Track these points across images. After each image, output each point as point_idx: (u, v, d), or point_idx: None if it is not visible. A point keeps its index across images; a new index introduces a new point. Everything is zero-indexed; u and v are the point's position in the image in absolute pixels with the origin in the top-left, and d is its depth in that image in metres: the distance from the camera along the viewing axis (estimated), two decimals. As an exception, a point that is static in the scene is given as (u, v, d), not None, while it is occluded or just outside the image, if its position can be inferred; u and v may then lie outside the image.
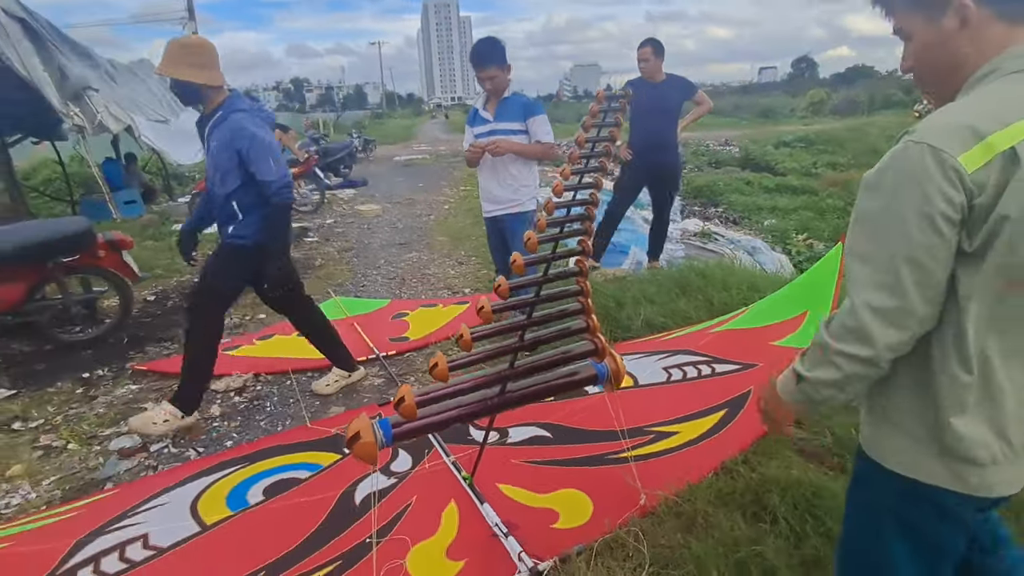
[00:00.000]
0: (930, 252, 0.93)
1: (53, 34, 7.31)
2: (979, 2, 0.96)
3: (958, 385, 0.99)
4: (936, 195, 0.90)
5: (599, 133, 1.65)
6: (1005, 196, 0.89)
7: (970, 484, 1.03)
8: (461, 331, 1.56)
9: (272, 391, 3.37)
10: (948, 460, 1.03)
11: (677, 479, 2.25)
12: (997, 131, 0.89)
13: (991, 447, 1.00)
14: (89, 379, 3.54)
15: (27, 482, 2.58)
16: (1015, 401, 1.00)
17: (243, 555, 2.03)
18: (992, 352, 0.98)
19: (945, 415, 1.00)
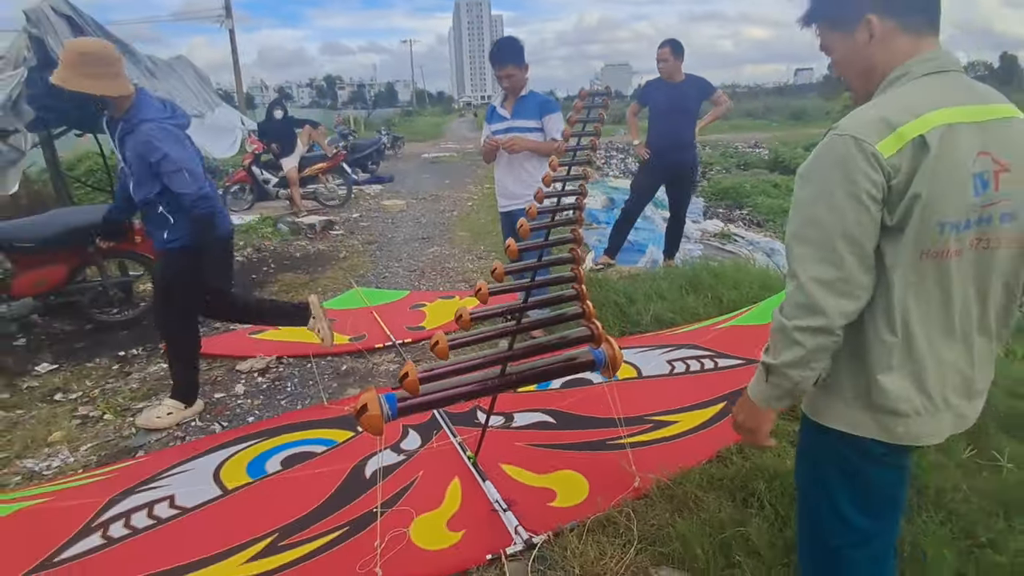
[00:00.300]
0: (861, 227, 1.05)
1: (98, 31, 7.61)
2: (884, 18, 1.12)
3: (884, 346, 1.12)
4: (861, 177, 1.04)
5: (584, 128, 1.76)
6: (916, 177, 1.03)
7: (896, 434, 1.16)
8: (460, 312, 1.69)
9: (293, 373, 3.54)
10: (876, 414, 1.16)
11: (672, 465, 2.34)
12: (908, 122, 1.04)
13: (913, 401, 1.13)
14: (124, 357, 3.76)
15: (66, 447, 2.79)
16: (933, 359, 1.13)
17: (260, 517, 2.19)
18: (912, 316, 1.11)
19: (873, 373, 1.14)
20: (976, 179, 1.05)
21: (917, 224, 1.05)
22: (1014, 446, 2.46)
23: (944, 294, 1.11)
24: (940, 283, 1.10)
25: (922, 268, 1.09)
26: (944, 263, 1.08)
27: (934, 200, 1.04)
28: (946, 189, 1.04)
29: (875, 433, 1.17)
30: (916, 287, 1.10)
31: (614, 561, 1.95)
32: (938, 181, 1.03)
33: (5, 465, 2.65)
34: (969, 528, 2.01)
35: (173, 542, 2.07)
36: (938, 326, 1.13)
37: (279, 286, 5.28)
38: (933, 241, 1.06)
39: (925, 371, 1.12)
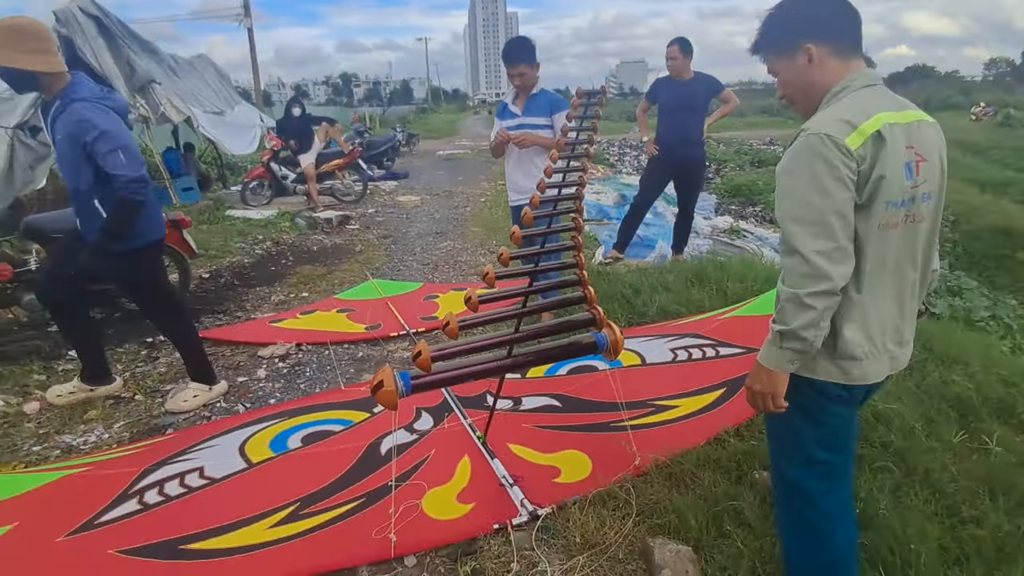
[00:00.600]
0: (846, 204, 1.28)
1: (123, 31, 7.86)
2: (819, 45, 1.39)
3: (851, 303, 1.36)
4: (839, 163, 1.27)
5: (581, 123, 1.88)
6: (879, 163, 1.28)
7: (852, 376, 1.41)
8: (468, 294, 1.82)
9: (312, 359, 3.69)
10: (839, 360, 1.40)
11: (672, 446, 2.46)
12: (865, 122, 1.29)
13: (864, 346, 1.39)
14: (152, 343, 3.94)
15: (101, 425, 2.96)
16: (876, 314, 1.39)
17: (282, 488, 2.34)
18: (867, 276, 1.35)
19: (840, 325, 1.37)
20: (906, 167, 1.32)
21: (881, 200, 1.30)
22: (1004, 431, 2.55)
23: (889, 260, 1.37)
24: (888, 251, 1.36)
25: (883, 237, 1.34)
26: (889, 234, 1.34)
27: (890, 182, 1.29)
28: (894, 173, 1.30)
29: (837, 377, 1.41)
30: (871, 254, 1.34)
31: (613, 531, 2.07)
32: (889, 167, 1.28)
33: (46, 440, 2.83)
34: (954, 507, 2.11)
35: (203, 508, 2.23)
36: (881, 286, 1.38)
37: (297, 278, 5.45)
38: (886, 216, 1.32)
39: (871, 323, 1.39)
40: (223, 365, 3.62)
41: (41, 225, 3.85)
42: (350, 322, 4.21)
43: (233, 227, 7.39)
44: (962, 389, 2.79)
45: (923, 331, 3.47)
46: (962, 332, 3.79)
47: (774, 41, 1.48)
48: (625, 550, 2.01)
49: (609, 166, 15.06)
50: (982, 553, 1.86)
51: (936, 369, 3.00)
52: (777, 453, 1.62)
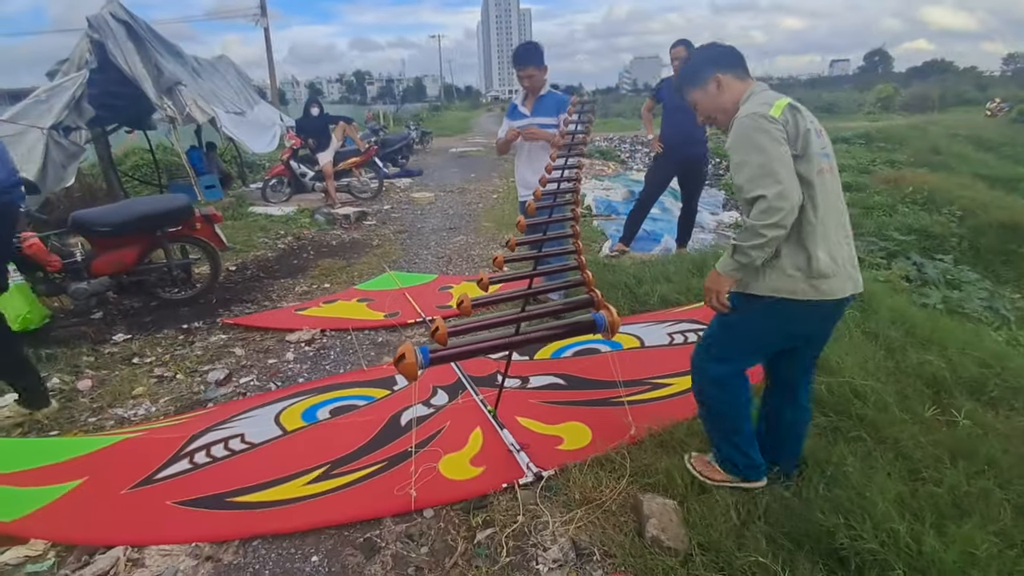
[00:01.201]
0: (785, 155, 1.74)
1: (150, 35, 8.20)
2: (724, 74, 1.94)
3: (814, 229, 1.82)
4: (771, 127, 1.76)
5: (576, 127, 2.13)
6: (800, 123, 1.79)
7: (822, 291, 1.84)
8: (481, 276, 2.08)
9: (335, 343, 3.98)
10: (811, 279, 1.83)
11: (665, 419, 2.71)
12: (776, 101, 1.83)
13: (832, 265, 1.83)
14: (188, 329, 4.25)
15: (147, 400, 3.27)
16: (835, 239, 1.86)
17: (314, 453, 2.62)
18: (820, 211, 1.82)
19: (813, 250, 1.82)
20: (813, 131, 1.81)
21: (812, 150, 1.79)
22: (974, 406, 2.77)
23: (830, 197, 1.85)
24: (826, 190, 1.83)
25: (818, 180, 1.81)
26: (823, 177, 1.83)
27: (812, 137, 1.78)
28: (811, 132, 1.79)
29: (810, 295, 1.84)
30: (819, 192, 1.81)
31: (608, 489, 2.33)
32: (807, 126, 1.79)
33: (100, 412, 3.14)
34: (917, 469, 2.34)
35: (246, 468, 2.52)
36: (831, 215, 1.85)
37: (319, 270, 5.75)
38: (818, 163, 1.80)
39: (832, 247, 1.84)
40: (254, 349, 3.92)
41: (87, 220, 4.17)
42: (370, 310, 4.50)
43: (256, 223, 7.72)
44: (937, 369, 3.00)
45: (908, 317, 3.68)
46: (947, 320, 3.99)
47: (692, 78, 2.01)
48: (618, 504, 2.27)
49: (620, 163, 15.23)
50: (939, 507, 2.09)
51: (916, 351, 3.22)
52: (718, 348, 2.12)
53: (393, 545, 2.16)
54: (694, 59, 2.04)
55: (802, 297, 1.86)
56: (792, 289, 1.86)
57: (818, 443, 2.47)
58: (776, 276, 1.88)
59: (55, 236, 4.34)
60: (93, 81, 7.48)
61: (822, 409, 2.76)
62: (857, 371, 2.97)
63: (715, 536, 2.02)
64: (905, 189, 10.81)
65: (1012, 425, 2.67)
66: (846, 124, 25.12)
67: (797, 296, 1.86)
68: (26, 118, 6.75)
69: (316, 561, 2.10)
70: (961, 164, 14.04)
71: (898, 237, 7.38)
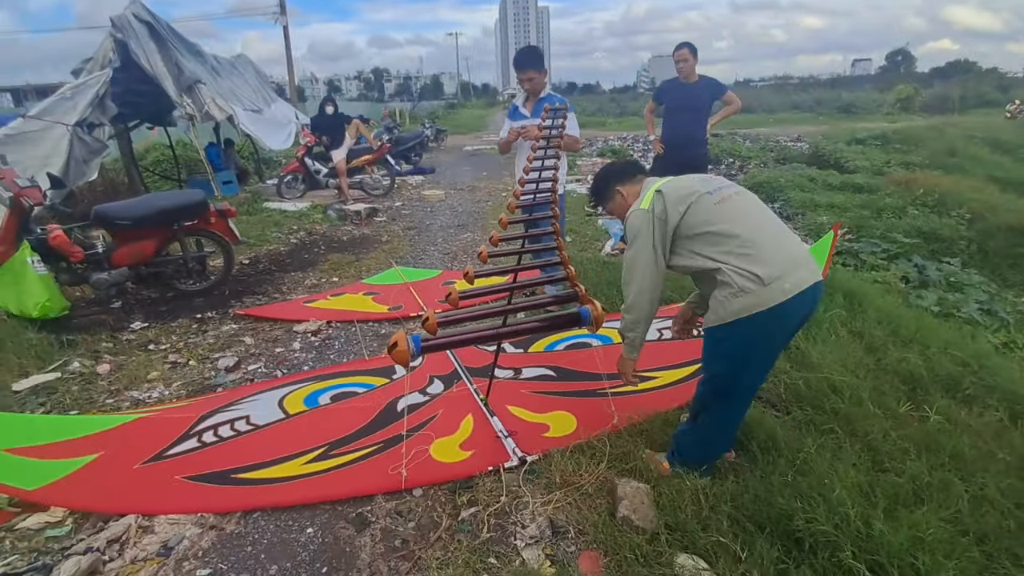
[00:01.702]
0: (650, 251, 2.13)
1: (171, 34, 8.46)
2: (624, 186, 2.36)
3: (748, 245, 2.00)
4: (643, 220, 2.13)
5: (551, 132, 2.27)
6: (666, 198, 2.12)
7: (786, 290, 1.94)
8: (467, 270, 2.23)
9: (340, 334, 4.15)
10: (770, 285, 1.94)
11: (648, 410, 2.84)
12: (646, 196, 2.19)
13: (780, 265, 1.97)
14: (201, 318, 4.45)
15: (161, 384, 3.46)
16: (769, 241, 2.02)
17: (314, 434, 2.79)
18: (738, 225, 2.03)
19: (758, 260, 1.97)
20: (695, 187, 2.15)
21: (695, 201, 2.09)
22: (947, 403, 2.86)
23: (748, 211, 2.10)
24: (736, 210, 2.08)
25: (725, 206, 2.08)
26: (729, 202, 2.10)
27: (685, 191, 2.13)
28: (681, 189, 2.15)
29: (778, 298, 1.93)
30: (731, 214, 2.07)
31: (588, 473, 2.47)
32: (676, 191, 2.14)
33: (117, 394, 3.33)
34: (880, 460, 2.45)
35: (250, 447, 2.69)
36: (759, 227, 2.05)
37: (328, 264, 5.94)
38: (711, 199, 2.10)
39: (772, 250, 1.99)
40: (263, 338, 4.10)
41: (108, 213, 4.38)
42: (375, 303, 4.67)
43: (270, 218, 7.94)
44: (914, 367, 3.10)
45: (894, 317, 3.77)
46: (933, 320, 4.06)
47: (603, 194, 2.46)
48: (595, 487, 2.41)
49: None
50: (898, 495, 2.20)
51: (897, 350, 3.31)
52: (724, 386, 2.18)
53: (383, 520, 2.32)
54: (598, 179, 2.49)
55: (771, 304, 1.93)
56: (757, 302, 1.94)
57: (791, 435, 2.59)
58: (737, 300, 1.97)
59: (78, 228, 4.56)
60: (116, 79, 7.74)
61: (799, 403, 2.88)
62: (837, 368, 3.08)
63: (682, 517, 2.15)
64: (916, 191, 10.76)
65: (984, 422, 2.76)
66: (864, 124, 24.88)
67: (766, 305, 1.94)
68: (52, 115, 7.02)
69: (311, 532, 2.27)
70: (976, 166, 13.87)
71: (901, 239, 7.39)
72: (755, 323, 1.96)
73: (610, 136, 23.09)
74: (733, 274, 1.98)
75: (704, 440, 2.33)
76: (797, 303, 1.97)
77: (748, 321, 1.96)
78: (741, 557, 1.96)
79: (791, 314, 2.00)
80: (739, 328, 1.99)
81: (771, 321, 1.96)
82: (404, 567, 2.08)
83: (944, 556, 1.88)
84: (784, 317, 1.99)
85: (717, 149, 17.13)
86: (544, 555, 2.13)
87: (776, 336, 2.08)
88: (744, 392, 2.22)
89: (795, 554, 1.96)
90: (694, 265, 2.10)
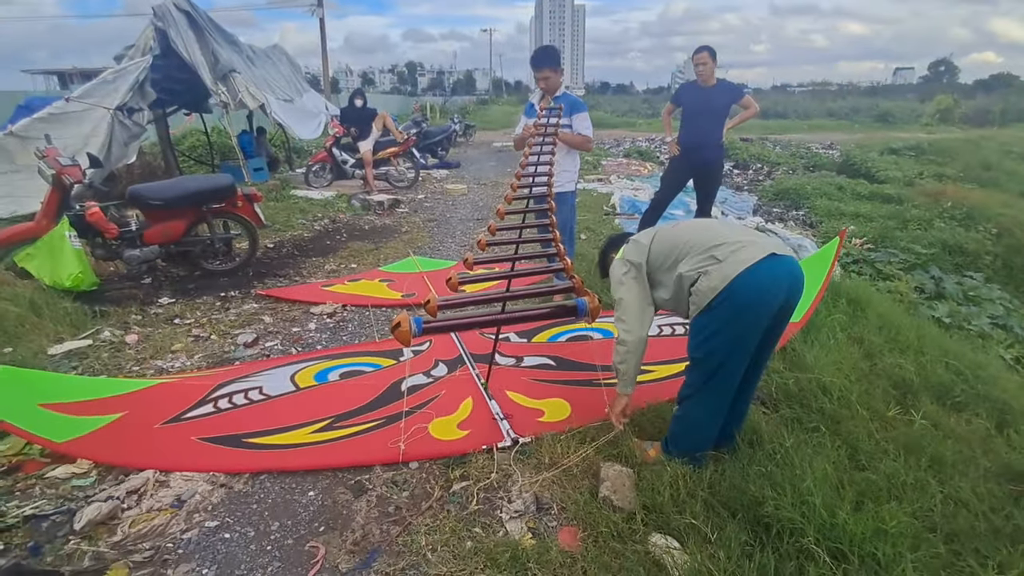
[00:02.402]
0: (633, 295, 2.40)
1: (209, 24, 8.75)
2: (613, 252, 2.63)
3: (696, 242, 2.27)
4: (620, 269, 2.45)
5: (546, 130, 2.38)
6: (638, 246, 2.43)
7: (743, 259, 2.12)
8: (466, 256, 2.36)
9: (354, 317, 4.33)
10: (727, 261, 2.13)
11: (641, 402, 2.95)
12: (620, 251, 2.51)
13: (729, 245, 2.18)
14: (225, 297, 4.67)
15: (184, 355, 3.67)
16: (714, 236, 2.25)
17: (321, 407, 2.96)
18: (688, 235, 2.33)
19: (710, 250, 2.20)
20: (659, 229, 2.46)
21: (659, 235, 2.42)
22: (935, 409, 2.92)
23: (695, 227, 2.39)
24: (689, 228, 2.39)
25: (677, 228, 2.40)
26: (682, 222, 2.47)
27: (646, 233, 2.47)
28: (649, 230, 2.48)
29: (738, 268, 2.10)
30: (684, 232, 2.36)
31: (576, 456, 2.59)
32: (642, 235, 2.48)
33: (143, 363, 3.55)
34: (860, 459, 2.53)
35: (262, 414, 2.88)
36: (705, 230, 2.33)
37: (348, 252, 6.14)
38: (671, 225, 2.44)
39: (715, 238, 2.22)
40: (281, 318, 4.30)
41: (142, 193, 4.63)
42: (389, 290, 4.84)
43: (296, 205, 8.19)
44: (907, 373, 3.15)
45: (894, 325, 3.81)
46: (934, 329, 4.08)
47: (604, 267, 2.72)
48: (582, 470, 2.53)
49: (658, 164, 15.28)
50: (871, 491, 2.28)
51: (892, 356, 3.37)
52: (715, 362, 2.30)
53: (379, 488, 2.48)
54: (599, 256, 2.82)
55: (733, 274, 2.11)
56: (720, 277, 2.13)
57: (775, 430, 2.68)
58: (703, 282, 2.18)
59: (113, 207, 4.81)
60: (156, 66, 8.05)
61: (787, 401, 2.96)
62: (831, 370, 3.14)
63: (659, 500, 2.26)
64: (944, 204, 10.60)
65: (970, 429, 2.81)
66: (899, 134, 24.44)
67: (729, 277, 2.11)
68: (94, 97, 7.34)
69: (312, 495, 2.43)
70: (1011, 181, 13.60)
71: (919, 250, 7.33)
72: (727, 299, 2.12)
73: (638, 137, 23.05)
74: (694, 270, 2.20)
75: (691, 426, 2.43)
76: (764, 273, 2.12)
77: (721, 300, 2.13)
78: (711, 539, 2.07)
79: (760, 284, 2.12)
80: (715, 311, 2.16)
81: (740, 294, 2.11)
82: (395, 531, 2.23)
83: (908, 548, 1.97)
84: (753, 287, 2.11)
85: (746, 154, 17.04)
86: (527, 528, 2.26)
87: (750, 310, 2.16)
88: (727, 376, 2.30)
89: (762, 538, 2.06)
90: (671, 293, 2.33)
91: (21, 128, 6.83)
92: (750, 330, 2.22)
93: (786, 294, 2.19)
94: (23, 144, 6.68)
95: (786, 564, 1.96)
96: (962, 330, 5.03)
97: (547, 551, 2.06)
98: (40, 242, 4.26)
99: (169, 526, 2.25)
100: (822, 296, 3.93)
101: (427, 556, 2.10)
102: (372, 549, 2.15)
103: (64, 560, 2.08)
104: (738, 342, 2.23)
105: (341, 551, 2.14)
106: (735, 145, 17.68)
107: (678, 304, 2.37)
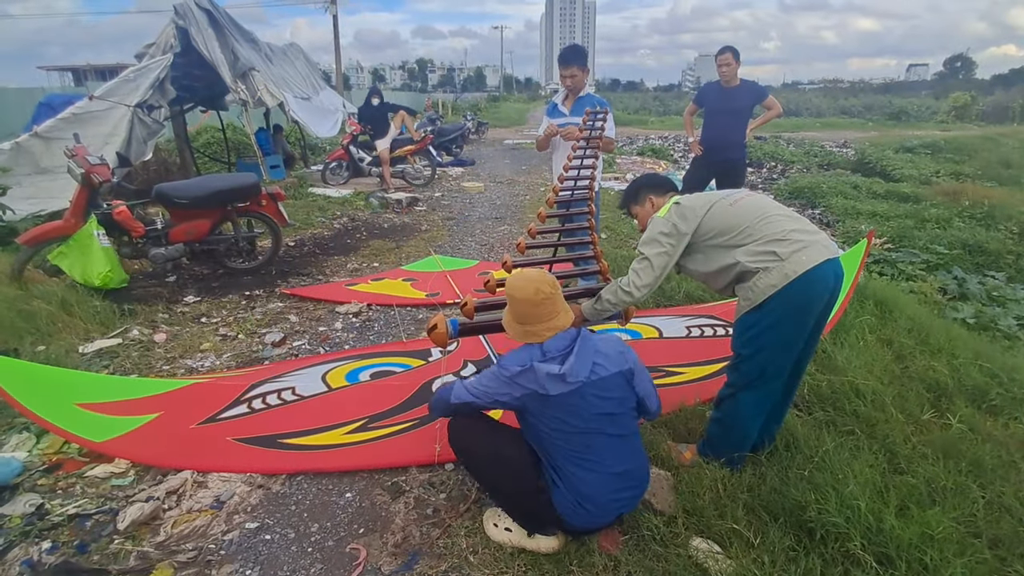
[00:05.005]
0: (665, 256, 2.29)
1: (229, 23, 8.78)
2: (654, 195, 2.53)
3: (760, 234, 2.20)
4: (659, 226, 2.31)
5: (591, 134, 2.38)
6: (684, 207, 2.31)
7: (803, 262, 2.10)
8: (505, 258, 2.36)
9: (380, 317, 4.34)
10: (789, 260, 2.11)
11: (675, 404, 2.94)
12: (663, 207, 2.37)
13: (792, 244, 2.14)
14: (250, 295, 4.70)
15: (213, 354, 3.70)
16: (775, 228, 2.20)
17: (355, 407, 2.97)
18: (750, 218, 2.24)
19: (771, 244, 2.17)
20: (713, 199, 2.34)
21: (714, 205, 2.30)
22: (971, 412, 2.89)
23: (757, 209, 2.27)
24: (748, 209, 2.27)
25: (738, 206, 2.29)
26: (741, 203, 2.30)
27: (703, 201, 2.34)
28: (699, 201, 2.33)
29: (799, 268, 2.09)
30: (744, 212, 2.26)
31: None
32: (694, 202, 2.32)
33: (172, 362, 3.58)
34: (899, 463, 2.51)
35: (296, 415, 2.89)
36: (766, 219, 2.23)
37: (369, 250, 6.15)
38: (728, 200, 2.32)
39: (780, 234, 2.17)
40: (307, 317, 4.32)
41: (169, 192, 4.66)
42: (413, 289, 4.85)
43: (315, 203, 8.22)
44: (940, 375, 3.12)
45: (925, 326, 3.77)
46: (963, 331, 4.04)
47: (634, 196, 2.62)
48: (618, 472, 2.52)
49: (672, 162, 15.23)
50: (912, 495, 2.26)
51: (924, 358, 3.33)
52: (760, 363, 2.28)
53: (416, 490, 2.48)
54: (637, 182, 2.67)
55: (794, 275, 2.09)
56: (781, 276, 2.11)
57: (811, 433, 2.66)
58: (762, 279, 2.15)
59: (139, 205, 4.84)
60: (176, 64, 8.09)
61: (821, 404, 2.94)
62: (862, 372, 3.12)
63: (699, 504, 2.25)
64: (963, 203, 10.49)
65: (1009, 433, 2.78)
66: (914, 132, 24.17)
67: (789, 277, 2.09)
68: (115, 96, 7.39)
69: (350, 497, 2.44)
70: (1030, 179, 13.43)
71: (941, 250, 7.26)
72: (783, 299, 2.11)
73: (651, 135, 22.96)
74: (752, 261, 2.16)
75: (732, 427, 2.40)
76: (819, 276, 2.11)
77: (776, 298, 2.11)
78: (754, 543, 2.06)
79: (815, 287, 2.13)
80: (768, 309, 2.15)
81: (797, 295, 2.11)
82: (435, 533, 2.24)
83: (954, 554, 1.95)
84: (809, 290, 2.12)
85: (760, 152, 16.93)
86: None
87: (803, 312, 2.17)
88: (771, 377, 2.28)
89: (806, 543, 2.05)
90: (710, 267, 2.30)
91: (45, 130, 6.90)
92: (799, 330, 2.23)
93: (830, 295, 2.21)
94: (47, 145, 6.75)
95: (831, 569, 1.95)
96: (987, 331, 4.97)
97: (589, 554, 2.06)
98: (71, 240, 4.30)
99: (210, 527, 2.26)
100: (850, 298, 3.90)
101: (468, 559, 2.10)
102: (413, 551, 2.15)
103: (110, 559, 2.10)
104: (786, 342, 2.22)
105: (382, 553, 2.15)
106: (749, 143, 17.56)
107: (712, 280, 2.37)
